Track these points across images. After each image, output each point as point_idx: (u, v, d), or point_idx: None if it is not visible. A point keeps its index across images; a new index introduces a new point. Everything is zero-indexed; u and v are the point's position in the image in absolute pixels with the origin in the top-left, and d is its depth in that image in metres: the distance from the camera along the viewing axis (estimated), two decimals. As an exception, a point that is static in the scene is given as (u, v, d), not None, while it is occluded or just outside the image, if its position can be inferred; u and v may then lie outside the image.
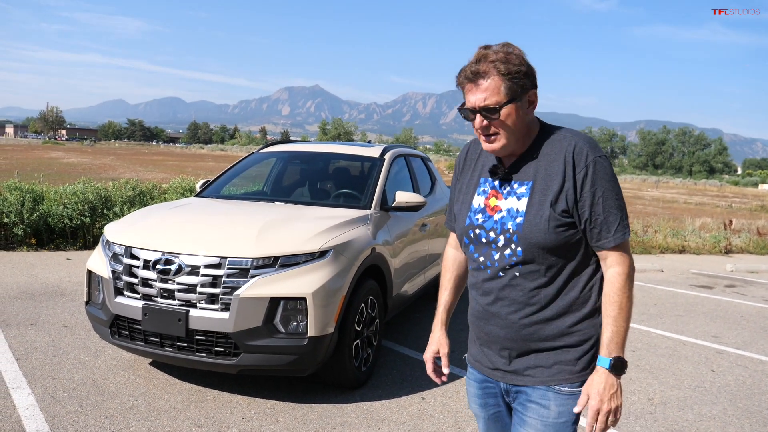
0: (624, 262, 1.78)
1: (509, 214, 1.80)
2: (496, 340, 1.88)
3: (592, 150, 1.76)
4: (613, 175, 1.78)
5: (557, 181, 1.75)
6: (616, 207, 1.76)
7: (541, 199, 1.76)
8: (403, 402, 4.06)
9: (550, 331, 1.81)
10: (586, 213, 1.75)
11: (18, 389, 3.84)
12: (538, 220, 1.75)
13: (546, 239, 1.75)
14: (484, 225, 1.86)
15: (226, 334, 3.58)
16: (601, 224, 1.75)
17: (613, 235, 1.76)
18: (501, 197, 1.84)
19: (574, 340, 1.81)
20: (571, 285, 1.82)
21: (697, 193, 51.74)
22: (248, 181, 7.25)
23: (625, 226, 1.78)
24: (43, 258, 7.96)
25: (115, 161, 39.21)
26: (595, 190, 1.74)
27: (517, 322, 1.83)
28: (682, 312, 7.47)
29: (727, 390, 4.74)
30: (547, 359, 1.83)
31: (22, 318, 5.30)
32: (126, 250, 3.85)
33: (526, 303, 1.81)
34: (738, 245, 14.32)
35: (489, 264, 1.85)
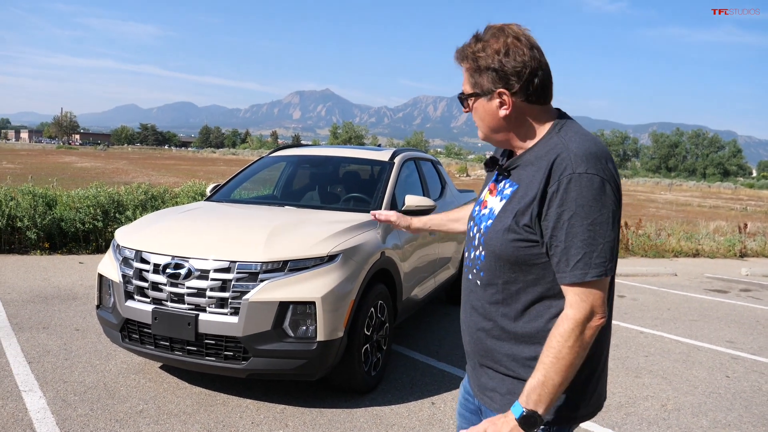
0: (580, 307, 1.46)
1: (488, 214, 1.65)
2: (465, 347, 1.79)
3: (577, 162, 1.46)
4: (596, 199, 1.45)
5: (532, 192, 1.52)
6: (585, 238, 1.44)
7: (513, 207, 1.55)
8: (412, 407, 4.04)
9: (505, 356, 1.62)
10: (547, 235, 1.50)
11: (30, 392, 3.86)
12: (499, 227, 1.57)
13: (502, 250, 1.56)
14: (474, 218, 1.74)
15: (235, 338, 3.58)
16: (560, 254, 1.48)
17: (571, 271, 1.46)
18: (494, 193, 1.67)
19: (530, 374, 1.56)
20: (536, 312, 1.58)
21: (711, 196, 51.29)
22: (258, 185, 7.27)
23: (591, 264, 1.45)
24: (55, 262, 8.02)
25: (128, 165, 39.52)
26: (561, 212, 1.46)
27: (475, 332, 1.69)
28: (696, 317, 7.39)
29: (743, 396, 4.67)
30: (503, 385, 1.64)
31: (35, 321, 5.33)
32: (136, 254, 3.86)
33: (485, 316, 1.65)
34: (753, 249, 14.17)
35: (467, 262, 1.74)
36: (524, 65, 1.53)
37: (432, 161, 6.50)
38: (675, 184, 73.66)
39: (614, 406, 4.28)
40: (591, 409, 1.65)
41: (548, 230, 1.49)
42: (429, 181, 6.03)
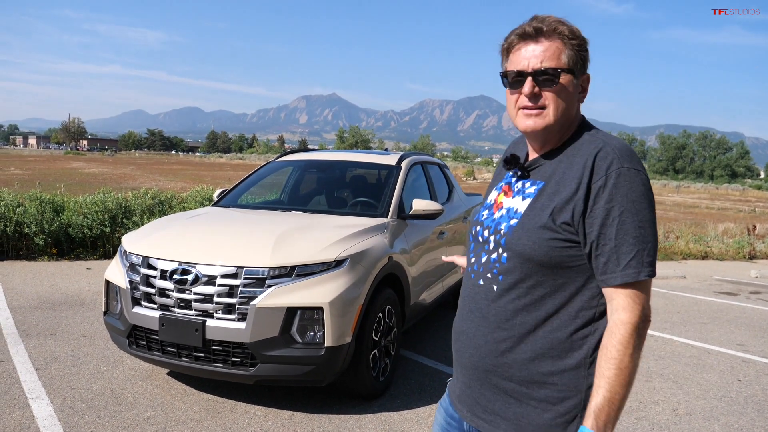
0: (634, 309, 1.37)
1: (507, 214, 1.53)
2: (462, 363, 1.60)
3: (621, 158, 1.40)
4: (645, 195, 1.39)
5: (570, 188, 1.43)
6: (637, 236, 1.37)
7: (545, 204, 1.45)
8: (421, 413, 4.00)
9: (518, 372, 1.48)
10: (593, 233, 1.39)
11: (37, 399, 3.85)
12: (531, 225, 1.45)
13: (534, 250, 1.44)
14: (484, 222, 1.61)
15: (242, 344, 3.56)
16: (609, 253, 1.38)
17: (622, 270, 1.37)
18: (510, 194, 1.57)
19: (547, 395, 1.45)
20: (559, 322, 1.46)
21: (719, 197, 51.04)
22: (265, 190, 7.26)
23: (644, 263, 1.37)
24: (63, 268, 8.03)
25: (135, 171, 39.68)
26: (611, 208, 1.37)
27: (483, 346, 1.53)
28: (707, 319, 7.32)
29: (754, 400, 4.62)
30: (510, 409, 1.49)
31: (42, 328, 5.33)
32: (143, 260, 3.85)
33: (498, 326, 1.50)
34: (762, 251, 14.07)
35: (476, 268, 1.59)
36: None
37: (439, 165, 6.48)
38: (683, 186, 73.32)
39: (625, 411, 4.23)
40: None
41: (594, 228, 1.39)
42: (436, 185, 6.00)
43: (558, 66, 1.45)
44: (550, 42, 1.46)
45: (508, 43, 1.52)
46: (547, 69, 1.45)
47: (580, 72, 1.50)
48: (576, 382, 1.45)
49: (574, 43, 1.46)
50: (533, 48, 1.46)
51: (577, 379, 1.45)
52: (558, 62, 1.45)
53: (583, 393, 1.44)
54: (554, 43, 1.46)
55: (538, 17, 1.48)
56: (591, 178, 1.41)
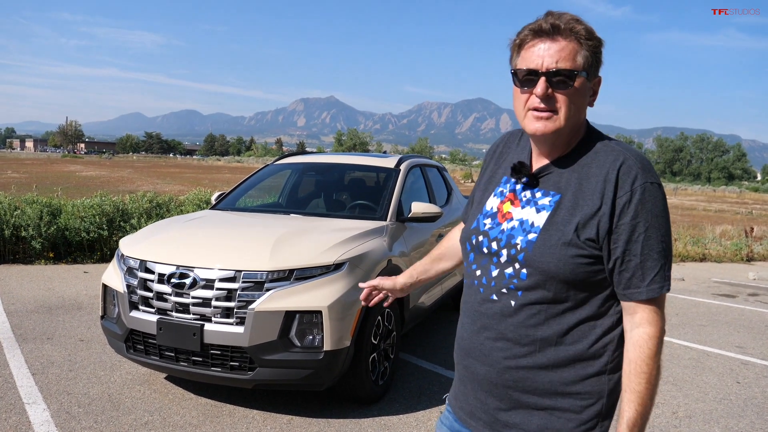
0: (657, 323, 1.39)
1: (521, 227, 1.46)
2: (476, 379, 1.54)
3: (644, 172, 1.37)
4: (665, 210, 1.39)
5: (592, 202, 1.38)
6: (660, 250, 1.37)
7: (566, 219, 1.40)
8: (421, 416, 3.99)
9: (541, 384, 1.45)
10: (618, 250, 1.37)
11: (33, 404, 3.83)
12: (554, 242, 1.40)
13: (559, 268, 1.39)
14: (489, 232, 1.52)
15: (241, 348, 3.54)
16: (634, 268, 1.37)
17: (647, 286, 1.37)
18: (518, 204, 1.49)
19: (570, 404, 1.43)
20: (580, 333, 1.44)
21: (716, 200, 51.13)
22: (263, 193, 7.24)
23: (666, 277, 1.38)
24: (60, 271, 8.00)
25: (133, 174, 39.62)
26: (636, 224, 1.36)
27: (501, 362, 1.48)
28: (705, 322, 7.32)
29: (754, 403, 4.61)
30: (533, 421, 1.46)
31: (39, 332, 5.30)
32: (141, 264, 3.83)
33: (517, 342, 1.46)
34: (760, 253, 14.09)
35: (485, 281, 1.51)
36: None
37: (438, 167, 6.47)
38: (680, 188, 73.45)
39: (625, 415, 4.22)
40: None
41: (620, 243, 1.37)
42: (435, 188, 5.99)
43: (573, 67, 1.38)
44: (567, 41, 1.38)
45: (520, 38, 1.44)
46: (561, 70, 1.38)
47: (593, 74, 1.44)
48: (598, 389, 1.44)
49: (590, 44, 1.40)
50: (548, 46, 1.39)
51: (599, 386, 1.44)
52: (573, 63, 1.38)
53: (605, 398, 1.45)
54: (570, 43, 1.38)
55: (554, 13, 1.40)
56: (615, 192, 1.37)
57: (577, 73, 1.39)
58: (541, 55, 1.39)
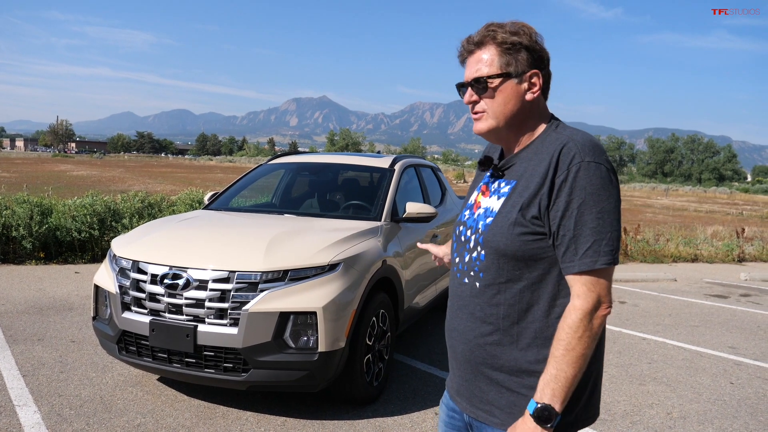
0: (588, 297, 1.44)
1: (484, 214, 1.61)
2: (457, 357, 1.68)
3: (583, 152, 1.46)
4: (604, 187, 1.45)
5: (536, 184, 1.50)
6: (594, 226, 1.43)
7: (516, 201, 1.53)
8: (416, 418, 3.97)
9: (506, 362, 1.55)
10: (555, 225, 1.47)
11: (24, 407, 3.78)
12: (503, 222, 1.53)
13: (507, 245, 1.51)
14: (466, 222, 1.68)
15: (235, 349, 3.51)
16: (568, 243, 1.45)
17: (579, 259, 1.44)
18: (487, 194, 1.64)
19: (535, 383, 1.50)
20: (540, 312, 1.53)
21: (707, 200, 51.41)
22: (256, 193, 7.20)
23: (600, 252, 1.43)
24: (51, 272, 7.93)
25: (124, 174, 39.41)
26: (571, 200, 1.44)
27: (473, 339, 1.61)
28: (698, 322, 7.34)
29: (748, 403, 4.62)
30: (503, 398, 1.57)
31: (30, 333, 5.25)
32: (133, 265, 3.79)
33: (484, 320, 1.58)
34: (751, 253, 14.16)
35: (460, 267, 1.67)
36: (546, 51, 1.60)
37: (432, 168, 6.46)
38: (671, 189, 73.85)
39: (619, 415, 4.22)
40: (592, 411, 1.61)
41: (556, 219, 1.47)
42: (429, 188, 5.98)
43: (489, 73, 1.55)
44: (482, 51, 1.57)
45: (461, 57, 1.64)
46: (477, 78, 1.57)
47: (518, 72, 1.55)
48: None
49: (506, 47, 1.54)
50: (472, 59, 1.59)
51: None
52: (490, 69, 1.55)
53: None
54: (487, 50, 1.56)
55: (481, 28, 1.59)
56: (555, 173, 1.47)
57: (488, 77, 1.55)
58: (466, 72, 1.60)
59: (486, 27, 1.58)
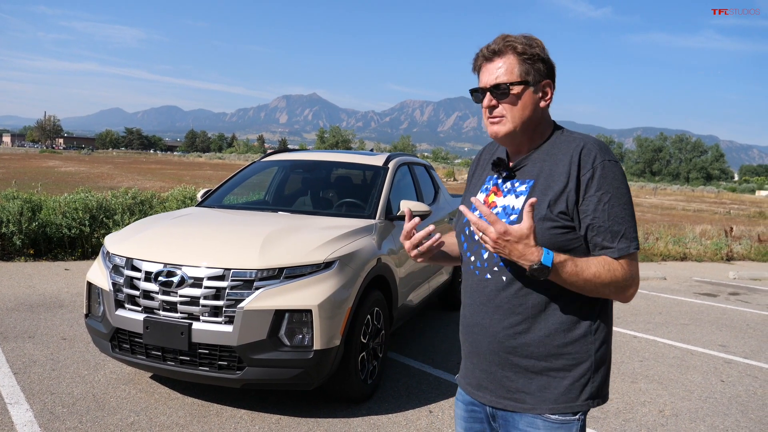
0: (628, 272, 1.61)
1: (504, 212, 1.70)
2: (480, 352, 1.75)
3: (602, 152, 1.64)
4: (624, 182, 1.65)
5: (560, 181, 1.64)
6: (623, 216, 1.62)
7: (540, 198, 1.65)
8: (410, 415, 3.97)
9: (536, 348, 1.66)
10: (588, 218, 1.61)
11: (16, 405, 3.75)
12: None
13: (538, 239, 1.59)
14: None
15: (229, 347, 3.49)
16: (603, 233, 1.61)
17: (617, 245, 1.61)
18: (500, 194, 1.75)
19: (563, 364, 1.65)
20: (566, 298, 1.66)
21: (695, 199, 51.79)
22: (248, 190, 7.17)
23: (632, 238, 1.62)
24: (41, 268, 7.86)
25: (113, 170, 39.14)
26: (601, 195, 1.61)
27: (500, 332, 1.69)
28: (688, 320, 7.39)
29: (739, 401, 4.66)
30: (533, 383, 1.68)
31: (20, 330, 5.20)
32: (127, 262, 3.77)
33: (512, 311, 1.67)
34: (739, 252, 14.28)
35: (479, 264, 1.74)
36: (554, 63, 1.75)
37: (425, 166, 6.46)
38: (659, 188, 74.34)
39: (612, 413, 4.24)
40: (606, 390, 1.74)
41: (589, 213, 1.62)
42: (423, 186, 5.98)
43: (509, 80, 1.67)
44: (503, 59, 1.68)
45: (475, 65, 1.76)
46: (499, 84, 1.68)
47: (536, 81, 1.69)
48: (586, 348, 1.67)
49: (525, 57, 1.67)
50: (490, 67, 1.70)
51: (586, 345, 1.67)
52: (510, 76, 1.67)
53: (593, 355, 1.68)
54: (507, 60, 1.68)
55: (498, 38, 1.71)
56: (579, 171, 1.63)
57: (511, 84, 1.67)
58: (486, 75, 1.71)
59: (503, 38, 1.70)
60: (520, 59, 1.68)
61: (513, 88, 1.67)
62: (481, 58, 1.72)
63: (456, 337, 5.09)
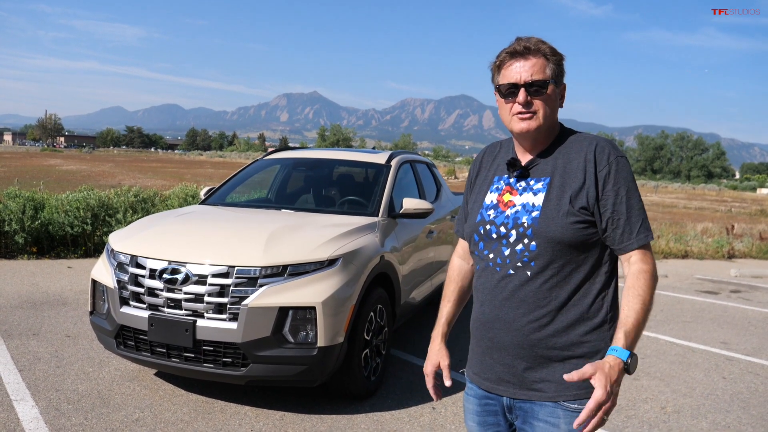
0: (648, 262, 1.72)
1: (524, 209, 1.76)
2: (502, 347, 1.79)
3: (614, 149, 1.75)
4: (634, 177, 1.76)
5: (577, 179, 1.72)
6: (639, 208, 1.73)
7: (559, 194, 1.72)
8: (413, 412, 3.99)
9: (560, 339, 1.73)
10: (608, 212, 1.71)
11: (22, 401, 3.77)
12: (555, 213, 1.71)
13: (563, 233, 1.70)
14: (495, 220, 1.81)
15: (234, 344, 3.51)
16: (623, 225, 1.71)
17: (636, 236, 1.71)
18: (515, 193, 1.80)
19: (584, 352, 1.73)
20: (584, 291, 1.75)
21: (696, 197, 51.77)
22: (250, 189, 7.17)
23: (648, 228, 1.73)
24: (43, 266, 7.89)
25: (114, 168, 39.16)
26: (618, 189, 1.70)
27: (525, 325, 1.74)
28: (690, 318, 7.41)
29: (740, 398, 4.68)
30: (556, 371, 1.73)
31: (24, 328, 5.23)
32: (131, 259, 3.79)
33: (537, 305, 1.73)
34: (740, 250, 14.28)
35: (499, 261, 1.78)
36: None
37: (427, 164, 6.47)
38: (660, 186, 74.30)
39: (614, 409, 4.26)
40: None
41: (608, 207, 1.71)
42: (425, 184, 5.99)
43: (545, 78, 1.74)
44: (536, 59, 1.74)
45: (500, 60, 1.79)
46: (536, 81, 1.73)
47: (559, 83, 1.80)
48: (603, 335, 1.75)
49: (554, 59, 1.77)
50: (522, 64, 1.74)
51: (603, 334, 1.75)
52: (544, 75, 1.74)
53: (609, 343, 1.71)
54: (539, 60, 1.74)
55: (523, 38, 1.77)
56: (596, 168, 1.72)
57: (548, 82, 1.75)
58: (518, 71, 1.74)
59: (528, 39, 1.77)
60: (551, 61, 1.76)
61: (549, 86, 1.75)
62: (509, 54, 1.77)
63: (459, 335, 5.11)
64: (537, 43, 1.76)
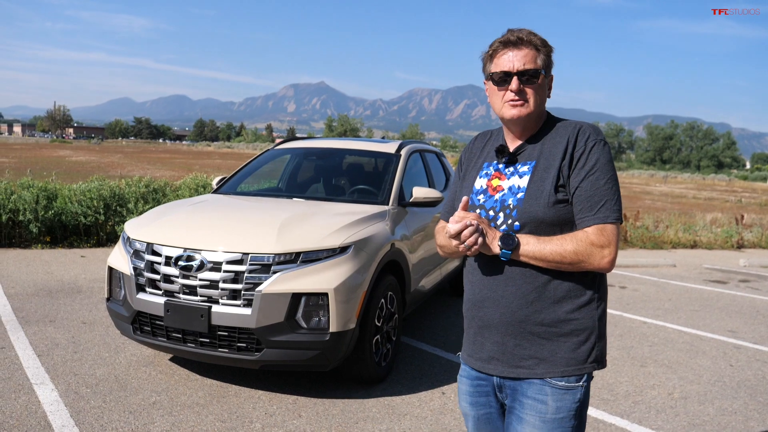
0: (599, 237, 1.72)
1: (510, 191, 1.82)
2: (491, 324, 1.85)
3: (595, 133, 1.81)
4: (611, 162, 1.79)
5: (558, 158, 1.79)
6: (607, 189, 1.75)
7: (543, 176, 1.79)
8: (423, 397, 4.06)
9: (547, 316, 1.78)
10: (573, 188, 1.76)
11: (42, 385, 3.87)
12: (538, 194, 1.77)
13: (545, 213, 1.75)
14: (484, 204, 1.87)
15: (248, 329, 3.59)
16: (584, 201, 1.75)
17: (594, 215, 1.74)
18: (504, 178, 1.86)
19: (571, 329, 1.78)
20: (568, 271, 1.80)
21: (706, 188, 51.49)
22: (260, 178, 7.24)
23: (613, 210, 1.74)
24: (57, 255, 8.00)
25: (123, 159, 39.38)
26: (589, 168, 1.76)
27: (513, 302, 1.80)
28: (698, 307, 7.44)
29: (747, 385, 4.72)
30: (544, 348, 1.79)
31: (41, 315, 5.33)
32: (147, 247, 3.86)
33: (524, 281, 1.79)
34: (750, 240, 14.26)
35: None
36: None
37: (436, 153, 6.52)
38: (670, 176, 73.90)
39: (622, 395, 4.32)
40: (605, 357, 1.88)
41: (576, 183, 1.76)
42: (434, 173, 6.04)
43: (536, 67, 1.81)
44: (528, 49, 1.81)
45: (492, 49, 1.86)
46: (528, 69, 1.80)
47: (548, 73, 1.86)
48: (591, 314, 1.81)
49: (544, 50, 1.84)
50: (515, 53, 1.81)
51: (590, 311, 1.81)
52: (535, 65, 1.81)
53: (597, 321, 1.82)
54: (531, 50, 1.81)
55: (515, 30, 1.84)
56: (574, 148, 1.79)
57: (539, 71, 1.82)
58: (511, 60, 1.81)
59: (520, 31, 1.84)
60: (541, 51, 1.83)
61: (540, 76, 1.82)
62: (501, 44, 1.83)
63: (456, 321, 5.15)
64: (529, 34, 1.82)
